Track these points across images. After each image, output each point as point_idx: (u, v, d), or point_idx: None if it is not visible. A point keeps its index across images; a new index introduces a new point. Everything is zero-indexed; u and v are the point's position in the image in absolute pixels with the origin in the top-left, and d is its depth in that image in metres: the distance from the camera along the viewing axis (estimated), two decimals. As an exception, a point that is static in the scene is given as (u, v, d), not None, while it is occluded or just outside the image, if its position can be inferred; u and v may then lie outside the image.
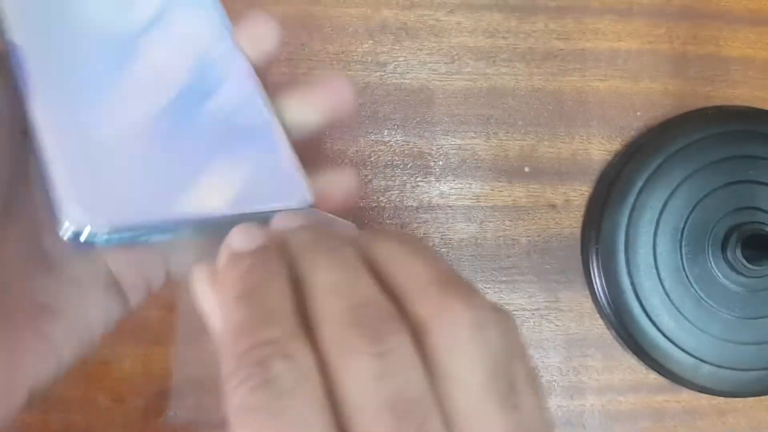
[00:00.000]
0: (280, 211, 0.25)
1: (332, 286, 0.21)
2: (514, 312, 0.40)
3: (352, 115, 0.34)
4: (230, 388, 0.20)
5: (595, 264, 0.39)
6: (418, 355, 0.20)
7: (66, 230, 0.21)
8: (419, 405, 0.19)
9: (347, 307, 0.20)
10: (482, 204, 0.40)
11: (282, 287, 0.22)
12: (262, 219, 0.24)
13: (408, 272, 0.22)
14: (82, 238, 0.21)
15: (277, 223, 0.24)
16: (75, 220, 0.21)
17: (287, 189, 0.26)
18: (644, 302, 0.38)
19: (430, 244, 0.40)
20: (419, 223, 0.40)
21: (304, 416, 0.19)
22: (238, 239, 0.23)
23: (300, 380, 0.19)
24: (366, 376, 0.19)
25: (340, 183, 0.29)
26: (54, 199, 0.21)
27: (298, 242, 0.23)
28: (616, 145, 0.41)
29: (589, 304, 0.40)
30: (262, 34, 0.28)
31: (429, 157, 0.40)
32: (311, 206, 0.26)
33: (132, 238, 0.22)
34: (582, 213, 0.41)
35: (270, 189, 0.25)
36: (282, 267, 0.22)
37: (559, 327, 0.40)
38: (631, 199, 0.38)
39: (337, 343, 0.20)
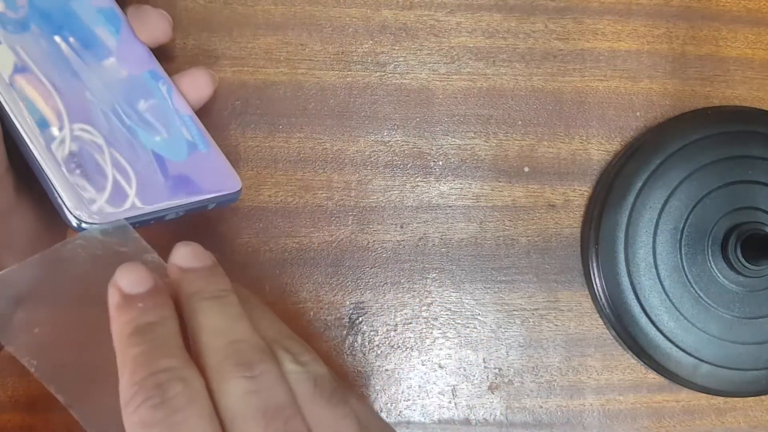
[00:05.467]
0: (218, 196, 0.33)
1: (215, 327, 0.27)
2: (513, 312, 0.40)
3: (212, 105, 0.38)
4: (130, 411, 0.25)
5: (594, 264, 0.39)
6: (282, 375, 0.27)
7: (72, 224, 0.30)
8: (284, 410, 0.26)
9: (226, 343, 0.26)
10: (482, 204, 0.40)
11: (173, 327, 0.27)
12: (204, 206, 0.33)
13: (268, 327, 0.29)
14: (83, 227, 0.30)
15: (174, 260, 0.29)
16: (76, 220, 0.30)
17: (223, 179, 0.34)
18: (644, 302, 0.38)
19: (430, 244, 0.40)
20: (419, 223, 0.40)
21: (197, 427, 0.24)
22: (128, 282, 0.28)
23: (192, 398, 0.25)
24: (241, 392, 0.25)
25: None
26: (58, 205, 0.30)
27: (189, 289, 0.28)
28: (615, 145, 0.41)
29: (588, 303, 0.41)
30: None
31: (429, 157, 0.40)
32: (239, 191, 0.34)
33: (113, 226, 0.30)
34: (581, 213, 0.41)
35: (210, 180, 0.33)
36: (172, 310, 0.28)
37: (559, 327, 0.40)
38: (630, 199, 0.39)
39: (218, 370, 0.26)
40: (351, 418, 0.27)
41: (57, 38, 0.32)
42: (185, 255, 0.29)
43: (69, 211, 0.29)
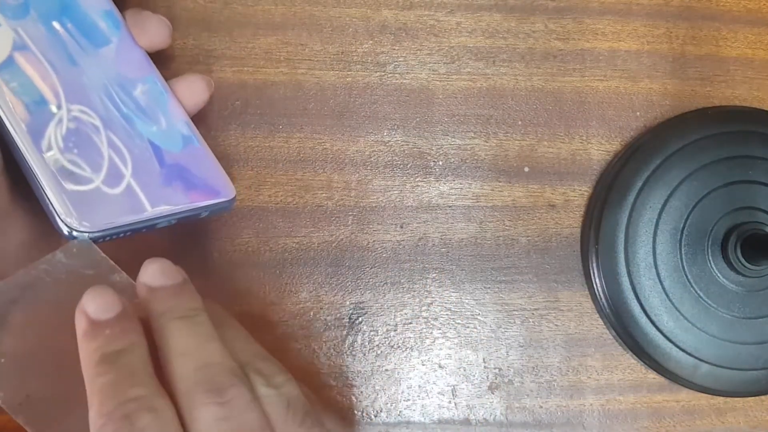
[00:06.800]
0: (212, 204, 0.33)
1: (184, 349, 0.27)
2: (513, 312, 0.40)
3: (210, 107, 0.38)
4: None
5: (594, 264, 0.39)
6: (254, 400, 0.26)
7: (63, 232, 0.30)
8: None
9: (196, 367, 0.26)
10: (482, 204, 0.40)
11: (141, 353, 0.27)
12: (197, 214, 0.33)
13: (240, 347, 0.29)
14: (73, 235, 0.29)
15: (142, 279, 0.29)
16: (67, 228, 0.30)
17: (216, 188, 0.34)
18: (644, 302, 0.38)
19: (430, 244, 0.40)
20: (419, 223, 0.40)
21: None
22: (95, 308, 0.27)
23: (162, 428, 0.24)
24: (212, 419, 0.25)
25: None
26: (50, 211, 0.30)
27: (157, 308, 0.28)
28: (615, 145, 0.41)
29: (588, 303, 0.41)
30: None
31: (429, 157, 0.40)
32: (233, 198, 0.34)
33: (105, 237, 0.30)
34: (581, 213, 0.41)
35: (204, 187, 0.33)
36: (140, 335, 0.27)
37: (559, 327, 0.40)
38: (630, 199, 0.39)
39: (189, 396, 0.25)
40: None
41: (55, 24, 0.33)
42: (154, 273, 0.29)
43: (60, 219, 0.30)
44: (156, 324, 0.28)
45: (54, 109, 0.31)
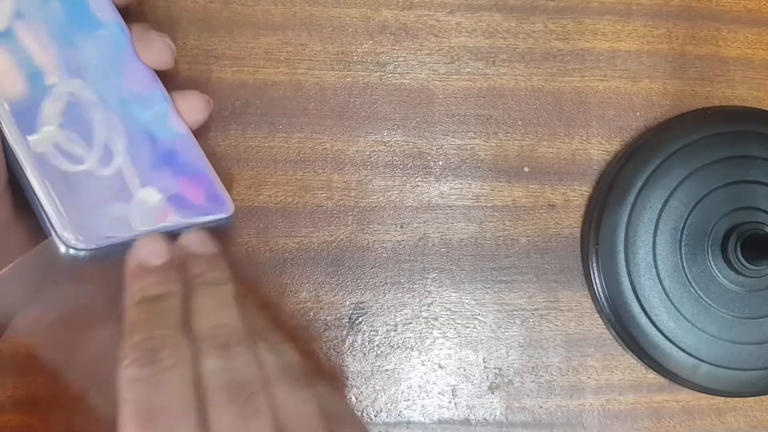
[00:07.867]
0: (210, 220, 0.34)
1: (204, 309, 0.30)
2: (513, 312, 0.40)
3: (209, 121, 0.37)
4: (123, 366, 0.27)
5: (594, 264, 0.39)
6: (254, 360, 0.29)
7: (62, 247, 0.30)
8: (248, 387, 0.28)
9: (211, 325, 0.30)
10: (482, 204, 0.40)
11: (176, 302, 0.30)
12: (198, 228, 0.34)
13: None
14: (71, 252, 0.30)
15: (182, 242, 0.32)
16: (65, 244, 0.30)
17: (215, 202, 0.34)
18: (643, 302, 0.38)
19: (430, 244, 0.40)
20: (419, 223, 0.40)
21: (176, 387, 0.27)
22: (146, 252, 0.31)
23: (178, 363, 0.28)
24: (214, 368, 0.28)
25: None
26: (48, 227, 0.30)
27: (191, 271, 0.31)
28: (615, 145, 0.41)
29: (588, 303, 0.41)
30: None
31: (429, 157, 0.40)
32: (232, 214, 0.35)
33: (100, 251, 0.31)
34: (581, 213, 0.41)
35: (203, 203, 0.34)
36: (177, 287, 0.31)
37: (559, 327, 0.40)
38: (630, 199, 0.39)
39: (200, 346, 0.29)
40: (313, 402, 0.29)
41: (53, 3, 0.32)
42: (194, 239, 0.33)
43: (57, 235, 0.30)
44: (187, 284, 0.31)
45: (50, 81, 0.31)
